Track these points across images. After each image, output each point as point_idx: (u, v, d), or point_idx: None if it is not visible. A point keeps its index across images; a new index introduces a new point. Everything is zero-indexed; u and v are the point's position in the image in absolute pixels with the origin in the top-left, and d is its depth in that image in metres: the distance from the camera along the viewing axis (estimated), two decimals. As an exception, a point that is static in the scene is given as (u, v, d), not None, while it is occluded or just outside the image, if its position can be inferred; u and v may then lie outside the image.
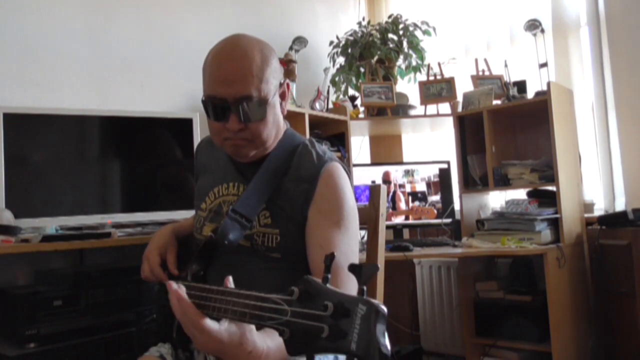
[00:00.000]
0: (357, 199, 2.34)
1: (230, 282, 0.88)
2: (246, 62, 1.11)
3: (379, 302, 0.64)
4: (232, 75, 1.11)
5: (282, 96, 1.22)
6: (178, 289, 0.87)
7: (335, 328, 0.64)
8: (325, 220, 1.14)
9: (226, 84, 1.11)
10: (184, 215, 2.13)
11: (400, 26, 3.20)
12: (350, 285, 1.03)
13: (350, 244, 1.15)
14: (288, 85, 1.24)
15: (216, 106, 1.13)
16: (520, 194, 2.79)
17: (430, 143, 3.42)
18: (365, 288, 0.66)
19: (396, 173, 2.97)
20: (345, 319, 0.64)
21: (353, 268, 0.69)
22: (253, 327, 0.87)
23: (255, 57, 1.12)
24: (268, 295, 0.75)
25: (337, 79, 3.21)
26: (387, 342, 0.63)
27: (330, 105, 3.03)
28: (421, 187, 2.95)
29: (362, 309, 0.63)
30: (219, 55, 1.14)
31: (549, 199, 2.56)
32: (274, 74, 1.16)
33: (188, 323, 0.86)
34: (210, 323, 0.84)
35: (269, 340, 0.91)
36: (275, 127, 1.20)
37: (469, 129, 2.85)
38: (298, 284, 0.71)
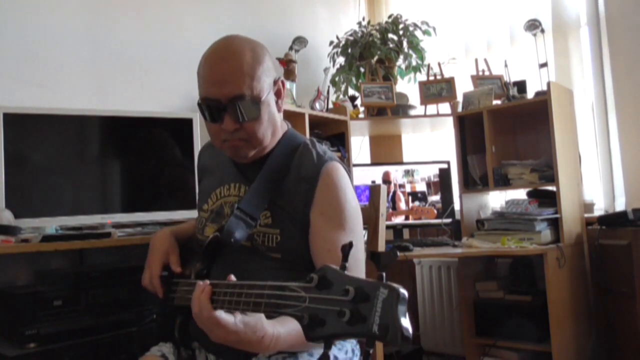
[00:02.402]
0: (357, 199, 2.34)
1: (232, 280, 0.90)
2: (237, 62, 1.11)
3: (399, 285, 0.64)
4: (224, 75, 1.11)
5: (278, 94, 1.22)
6: (205, 286, 0.90)
7: (356, 312, 0.65)
8: (330, 223, 1.14)
9: (218, 85, 1.11)
10: (184, 215, 2.13)
11: (400, 26, 3.20)
12: None
13: (357, 245, 1.15)
14: (283, 83, 1.23)
15: (210, 107, 1.13)
16: (520, 194, 2.79)
17: (430, 143, 3.42)
18: (384, 274, 0.67)
19: (396, 173, 2.96)
20: (364, 303, 0.65)
21: (373, 255, 0.70)
22: (262, 315, 0.90)
23: (246, 56, 1.12)
24: (285, 284, 0.76)
25: (337, 79, 3.21)
26: (408, 324, 0.63)
27: (330, 105, 3.03)
28: (421, 187, 2.95)
29: (384, 292, 0.64)
30: (210, 57, 1.15)
31: (549, 199, 2.56)
32: (267, 72, 1.16)
33: (204, 319, 0.88)
34: (225, 317, 0.87)
35: (278, 326, 0.94)
36: (271, 126, 1.20)
37: (469, 129, 2.85)
38: (317, 271, 0.72)
